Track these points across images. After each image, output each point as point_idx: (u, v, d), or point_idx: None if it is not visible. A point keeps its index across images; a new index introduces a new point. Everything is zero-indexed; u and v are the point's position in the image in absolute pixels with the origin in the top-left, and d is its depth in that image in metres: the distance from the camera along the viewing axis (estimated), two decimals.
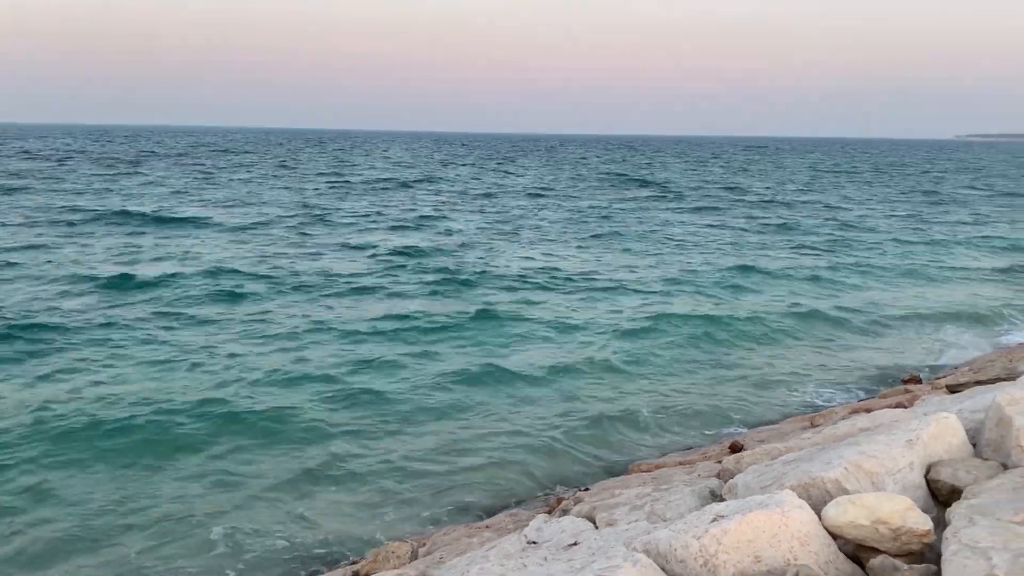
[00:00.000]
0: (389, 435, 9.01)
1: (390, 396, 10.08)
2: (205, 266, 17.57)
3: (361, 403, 9.85)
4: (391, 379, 10.70)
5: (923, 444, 3.73)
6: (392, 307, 14.59)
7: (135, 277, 16.03)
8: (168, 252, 19.66)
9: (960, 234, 27.00)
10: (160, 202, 30.29)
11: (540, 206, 33.32)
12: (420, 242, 22.16)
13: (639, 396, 10.41)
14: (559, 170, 62.08)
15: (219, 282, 16.02)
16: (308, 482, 7.86)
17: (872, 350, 12.82)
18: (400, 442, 8.84)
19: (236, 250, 20.26)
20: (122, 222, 24.53)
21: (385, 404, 9.84)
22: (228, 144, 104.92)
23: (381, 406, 9.78)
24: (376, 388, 10.33)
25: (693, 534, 3.09)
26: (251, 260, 18.74)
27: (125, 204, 28.79)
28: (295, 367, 10.94)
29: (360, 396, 10.05)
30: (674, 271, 18.93)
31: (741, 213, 32.32)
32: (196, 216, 26.05)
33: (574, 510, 5.41)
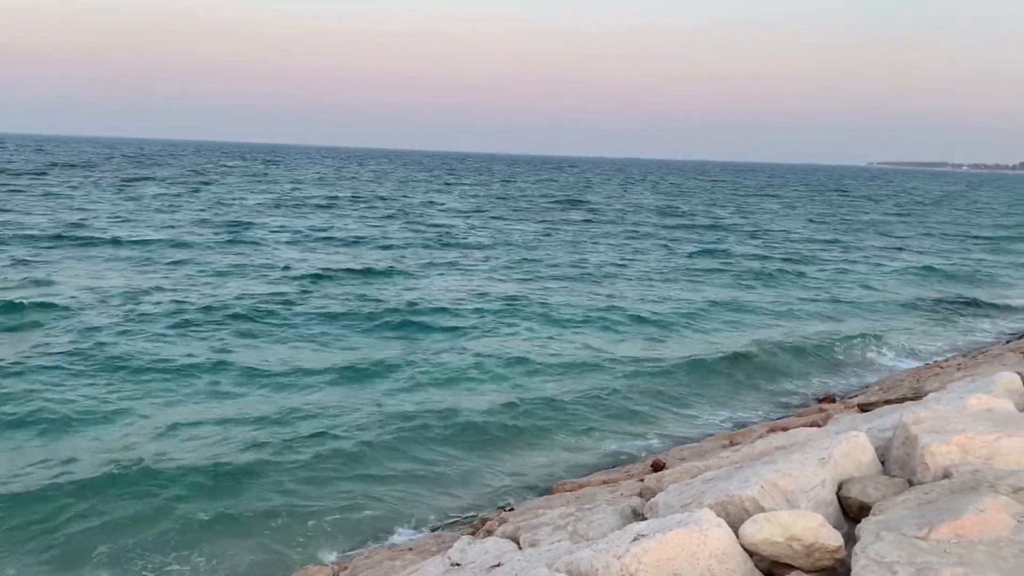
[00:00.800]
0: (309, 457, 8.83)
1: (308, 419, 9.88)
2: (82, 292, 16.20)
3: (277, 424, 9.63)
4: (308, 402, 10.47)
5: (835, 462, 3.85)
6: (314, 332, 14.32)
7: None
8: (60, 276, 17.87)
9: (877, 259, 28.11)
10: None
11: (471, 226, 33.21)
12: (343, 263, 21.78)
13: (564, 418, 10.46)
14: (489, 188, 62.31)
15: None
16: (226, 508, 7.63)
17: (791, 369, 13.19)
18: (321, 464, 8.67)
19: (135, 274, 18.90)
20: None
21: (303, 426, 9.65)
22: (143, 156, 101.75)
23: (297, 427, 9.59)
24: (293, 409, 10.13)
25: (614, 553, 3.12)
26: (152, 285, 17.61)
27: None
28: (200, 400, 10.52)
29: (273, 418, 9.84)
30: (600, 293, 19.15)
31: (668, 236, 32.96)
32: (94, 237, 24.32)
33: (498, 531, 5.39)
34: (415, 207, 41.69)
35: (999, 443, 3.67)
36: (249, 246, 24.32)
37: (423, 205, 43.54)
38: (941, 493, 3.18)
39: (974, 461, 3.59)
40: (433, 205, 43.91)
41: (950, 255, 29.98)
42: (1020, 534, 2.73)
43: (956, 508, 2.93)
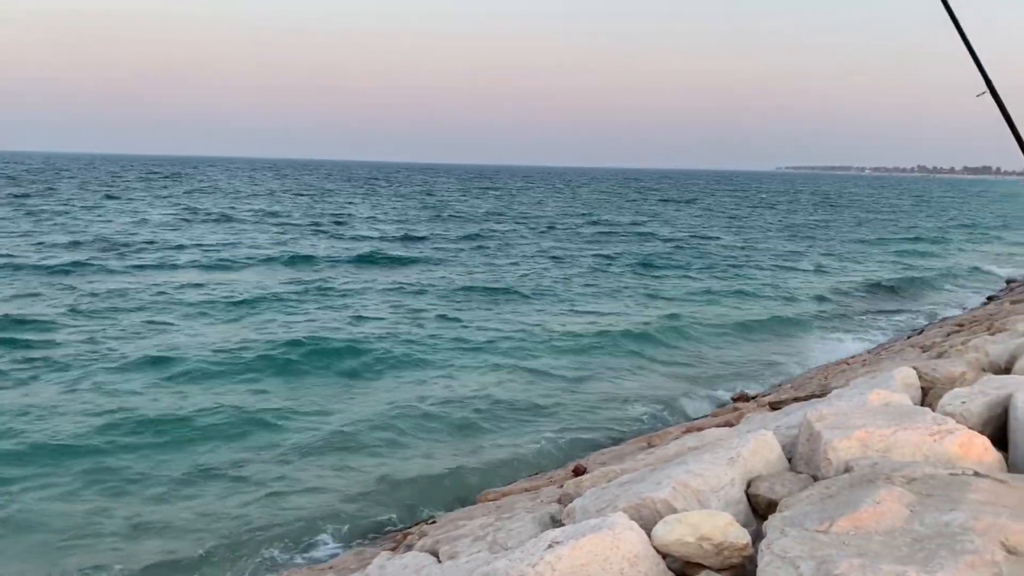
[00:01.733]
0: (227, 475, 8.60)
1: (223, 435, 9.64)
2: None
3: (186, 443, 9.36)
4: (220, 416, 10.21)
5: (743, 460, 3.94)
6: (210, 341, 13.97)
7: None
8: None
9: (792, 260, 29.05)
10: None
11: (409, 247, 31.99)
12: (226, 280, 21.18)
13: (488, 426, 10.46)
14: (407, 202, 61.90)
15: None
16: (115, 528, 7.37)
17: (710, 370, 13.49)
18: (241, 481, 8.46)
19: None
20: None
21: (220, 442, 9.40)
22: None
23: (212, 443, 9.34)
24: (199, 424, 9.87)
25: (528, 562, 3.11)
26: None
27: None
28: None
29: (182, 434, 9.57)
30: (518, 301, 19.24)
31: (592, 245, 33.38)
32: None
33: (418, 544, 5.34)
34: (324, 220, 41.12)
35: (896, 436, 3.82)
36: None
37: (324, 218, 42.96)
38: (841, 487, 3.29)
39: (872, 455, 3.72)
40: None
41: (862, 257, 31.21)
42: (913, 523, 2.84)
43: (855, 501, 3.03)
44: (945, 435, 3.79)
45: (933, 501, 2.99)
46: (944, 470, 3.32)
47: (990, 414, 4.37)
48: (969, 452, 3.73)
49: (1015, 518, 2.76)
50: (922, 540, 2.70)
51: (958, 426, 3.91)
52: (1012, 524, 2.71)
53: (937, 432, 3.82)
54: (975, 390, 4.60)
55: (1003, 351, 6.40)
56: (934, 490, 3.10)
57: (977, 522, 2.74)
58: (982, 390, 4.57)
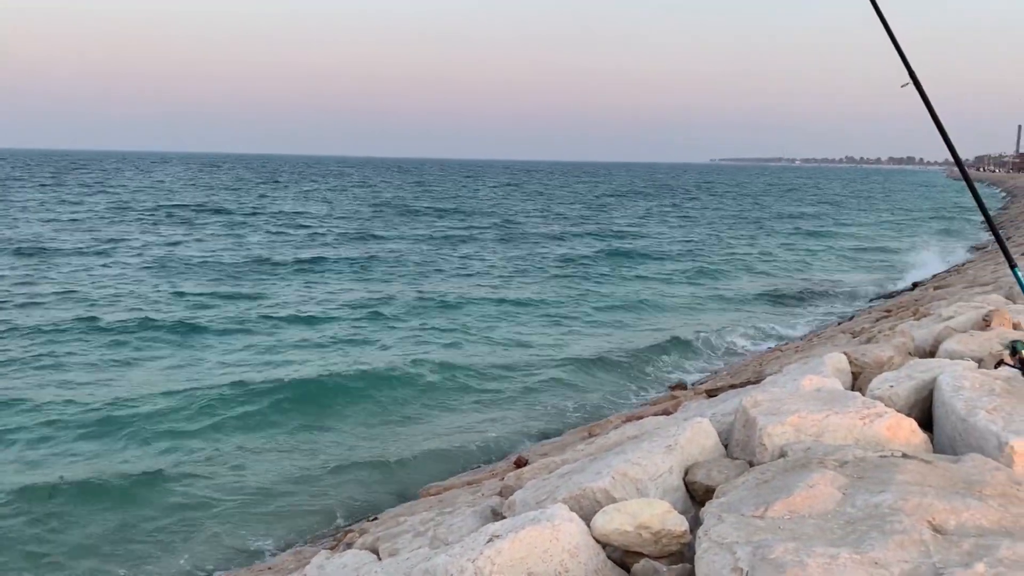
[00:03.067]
0: (166, 475, 8.38)
1: (157, 433, 9.39)
2: None
3: (114, 443, 9.10)
4: (152, 411, 9.95)
5: (680, 448, 3.98)
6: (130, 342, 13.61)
7: None
8: None
9: (729, 250, 29.58)
10: None
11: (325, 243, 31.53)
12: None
13: (430, 421, 10.40)
14: (339, 193, 61.14)
15: None
16: (60, 529, 7.13)
17: (649, 360, 13.64)
18: (175, 482, 8.25)
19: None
20: None
21: (154, 442, 9.15)
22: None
23: (144, 446, 9.09)
24: (134, 425, 9.61)
25: (468, 557, 3.08)
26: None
27: None
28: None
29: (114, 434, 9.30)
30: (454, 293, 19.18)
31: (530, 237, 33.43)
32: None
33: (358, 542, 5.26)
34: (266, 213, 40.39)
35: (828, 420, 3.90)
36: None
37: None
38: (776, 472, 3.34)
39: (806, 439, 3.79)
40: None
41: (794, 247, 31.95)
42: (845, 506, 2.89)
43: (789, 485, 3.08)
44: (874, 418, 3.88)
45: (864, 483, 3.06)
46: (874, 453, 3.40)
47: (916, 397, 4.50)
48: (897, 434, 3.83)
49: (941, 497, 2.84)
50: (854, 522, 2.75)
51: (887, 409, 4.01)
52: (938, 503, 2.79)
53: (867, 415, 3.91)
54: (902, 374, 4.73)
55: (928, 335, 6.61)
56: (865, 472, 3.17)
57: (905, 503, 2.80)
58: (908, 374, 4.70)
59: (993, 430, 3.57)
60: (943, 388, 4.19)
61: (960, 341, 5.71)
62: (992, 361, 4.61)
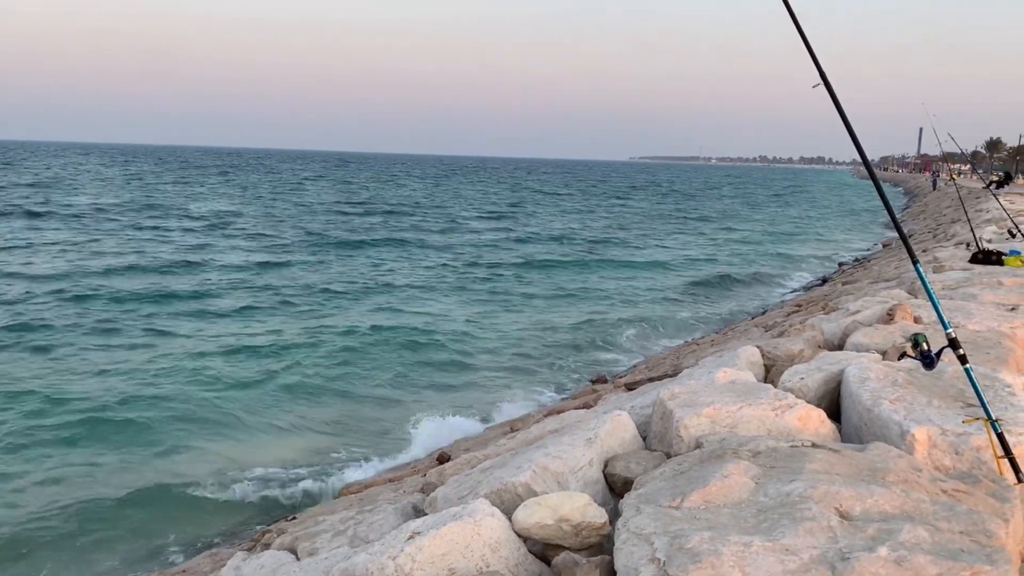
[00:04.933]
0: (70, 476, 8.05)
1: (56, 426, 9.04)
2: None
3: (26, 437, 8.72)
4: (54, 407, 9.56)
5: (600, 441, 4.03)
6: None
7: None
8: None
9: (646, 246, 30.09)
10: None
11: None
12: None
13: (347, 420, 10.26)
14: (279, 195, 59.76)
15: None
16: None
17: (571, 354, 13.76)
18: (84, 478, 7.94)
19: None
20: None
21: (57, 435, 8.79)
22: None
23: (58, 438, 8.73)
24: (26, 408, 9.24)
25: (389, 555, 3.06)
26: None
27: None
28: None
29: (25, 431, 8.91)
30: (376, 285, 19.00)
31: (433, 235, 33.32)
32: None
33: (276, 543, 5.14)
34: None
35: (741, 412, 4.01)
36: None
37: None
38: (692, 463, 3.41)
39: (721, 431, 3.89)
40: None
41: (711, 244, 32.72)
42: (758, 495, 2.98)
43: (704, 476, 3.15)
44: (786, 409, 4.01)
45: (776, 473, 3.15)
46: (785, 443, 3.51)
47: (825, 388, 4.67)
48: (807, 425, 3.97)
49: (847, 485, 2.95)
50: (766, 511, 2.84)
51: (797, 401, 4.15)
52: (845, 491, 2.90)
53: (778, 407, 4.03)
54: (812, 366, 4.90)
55: (836, 329, 6.86)
56: (776, 462, 3.27)
57: (815, 490, 2.90)
58: (818, 366, 4.87)
59: (896, 419, 3.73)
60: (850, 380, 4.35)
61: (866, 334, 5.94)
62: (895, 353, 4.82)
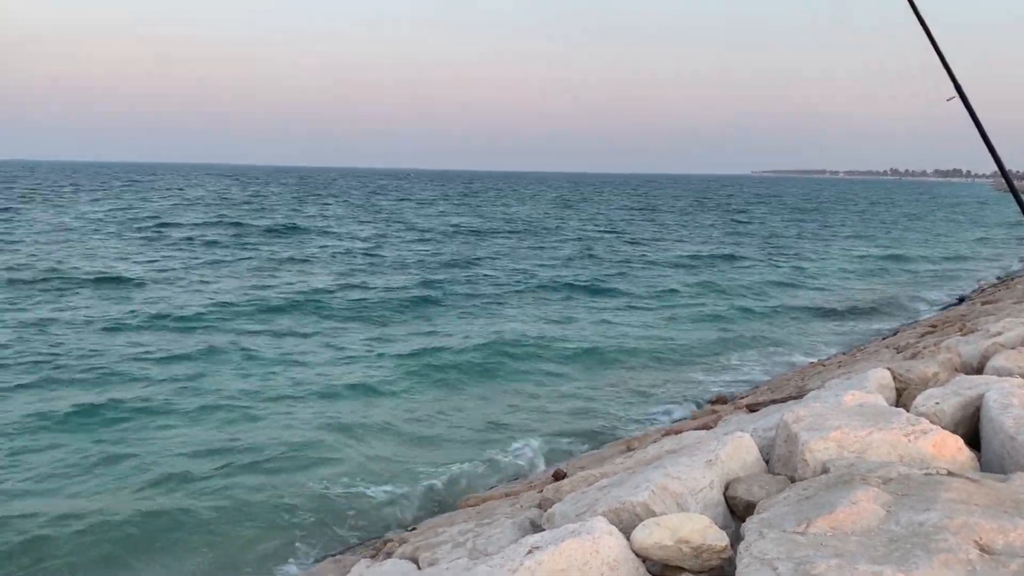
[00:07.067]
0: (206, 476, 8.53)
1: (190, 442, 9.57)
2: None
3: (160, 443, 9.28)
4: (186, 425, 10.11)
5: (721, 463, 3.96)
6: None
7: None
8: None
9: (773, 262, 29.30)
10: None
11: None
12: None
13: (466, 430, 10.44)
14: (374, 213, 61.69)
15: None
16: (108, 531, 7.28)
17: (688, 372, 13.55)
18: (218, 485, 8.38)
19: None
20: None
21: (199, 443, 9.32)
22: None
23: (187, 445, 9.26)
24: (172, 424, 9.82)
25: (508, 568, 3.11)
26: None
27: None
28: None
29: (155, 435, 9.50)
30: (504, 301, 19.24)
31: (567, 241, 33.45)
32: None
33: (398, 552, 5.31)
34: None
35: (871, 437, 3.85)
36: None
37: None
38: (818, 488, 3.31)
39: (849, 456, 3.75)
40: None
41: (831, 259, 31.52)
42: (889, 523, 2.86)
43: (832, 502, 3.05)
44: (919, 435, 3.83)
45: (908, 501, 3.02)
46: (919, 470, 3.36)
47: (963, 414, 4.43)
48: (943, 452, 3.77)
49: (988, 517, 2.79)
50: (898, 540, 2.73)
51: (932, 426, 3.96)
52: (985, 523, 2.74)
53: (911, 432, 3.86)
54: (948, 390, 4.66)
55: (975, 351, 6.49)
56: (909, 490, 3.13)
57: (951, 521, 2.77)
58: (955, 390, 4.62)
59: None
60: (991, 405, 4.12)
61: (1009, 358, 5.60)
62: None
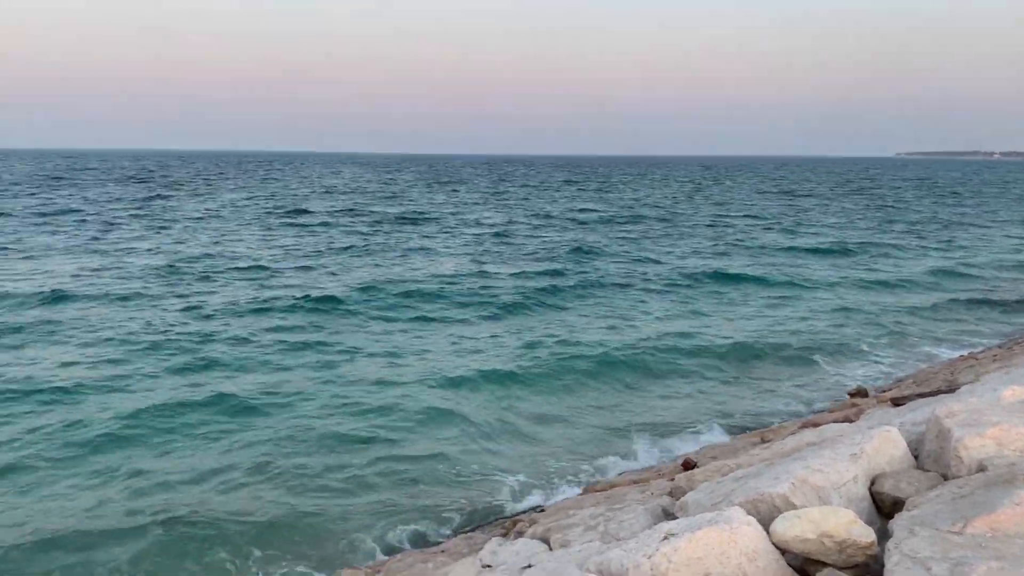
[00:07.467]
0: (343, 458, 8.90)
1: (336, 418, 9.99)
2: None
3: (302, 426, 9.73)
4: (326, 407, 10.52)
5: (867, 457, 3.81)
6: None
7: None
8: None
9: (915, 251, 27.75)
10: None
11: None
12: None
13: (588, 417, 10.44)
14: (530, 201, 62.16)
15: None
16: (256, 505, 7.73)
17: (822, 364, 13.03)
18: (355, 465, 8.74)
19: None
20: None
21: (336, 425, 9.74)
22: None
23: (327, 427, 9.67)
24: (311, 407, 10.26)
25: (644, 553, 3.11)
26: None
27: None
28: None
29: (296, 418, 9.95)
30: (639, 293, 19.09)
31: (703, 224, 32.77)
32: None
33: (529, 532, 5.40)
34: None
35: None
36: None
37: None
38: (976, 487, 3.13)
39: (1010, 454, 3.53)
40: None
41: (988, 248, 29.46)
42: None
43: (991, 502, 2.89)
44: None
45: None
46: None
47: None
48: None
49: None
50: None
51: None
52: None
53: None
54: None
55: None
56: None
57: None
58: None
59: None
60: None
61: None
62: None
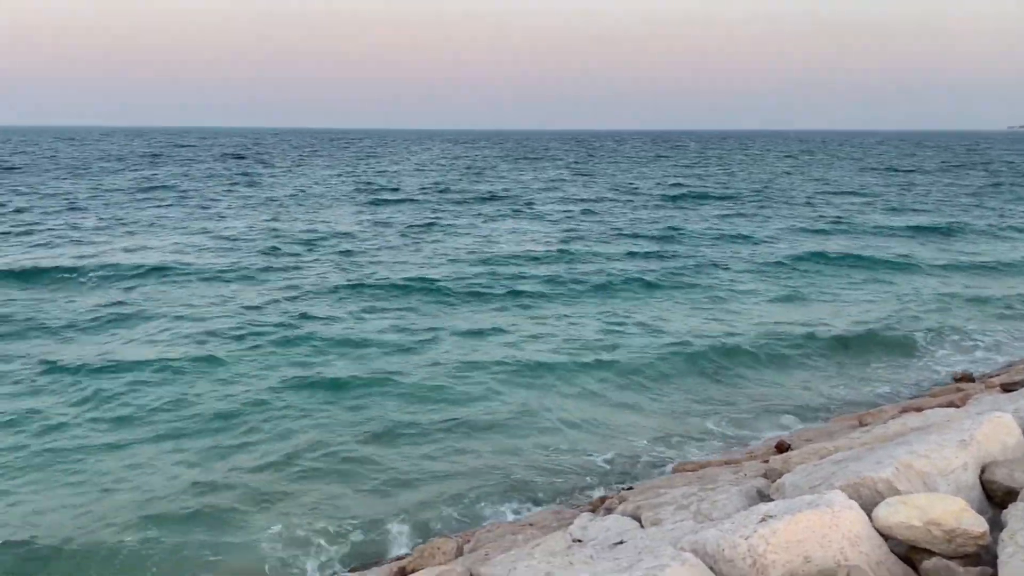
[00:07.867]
0: (433, 433, 9.09)
1: (427, 395, 10.16)
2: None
3: (395, 403, 9.94)
4: (417, 387, 10.65)
5: (977, 444, 3.67)
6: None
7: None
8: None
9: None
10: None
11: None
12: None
13: (677, 397, 10.34)
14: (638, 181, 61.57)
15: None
16: (352, 479, 7.97)
17: (922, 347, 12.54)
18: (446, 440, 8.91)
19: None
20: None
21: (428, 403, 9.92)
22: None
23: (418, 405, 9.86)
24: (404, 385, 10.46)
25: (741, 534, 3.08)
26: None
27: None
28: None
29: (388, 396, 10.16)
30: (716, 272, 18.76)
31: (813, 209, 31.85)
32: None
33: (619, 509, 5.40)
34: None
35: None
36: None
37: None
38: None
39: None
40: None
41: None
42: None
43: None
44: None
45: None
46: None
47: None
48: None
49: None
50: None
51: None
52: None
53: None
54: None
55: None
56: None
57: None
58: None
59: None
60: None
61: None
62: None
